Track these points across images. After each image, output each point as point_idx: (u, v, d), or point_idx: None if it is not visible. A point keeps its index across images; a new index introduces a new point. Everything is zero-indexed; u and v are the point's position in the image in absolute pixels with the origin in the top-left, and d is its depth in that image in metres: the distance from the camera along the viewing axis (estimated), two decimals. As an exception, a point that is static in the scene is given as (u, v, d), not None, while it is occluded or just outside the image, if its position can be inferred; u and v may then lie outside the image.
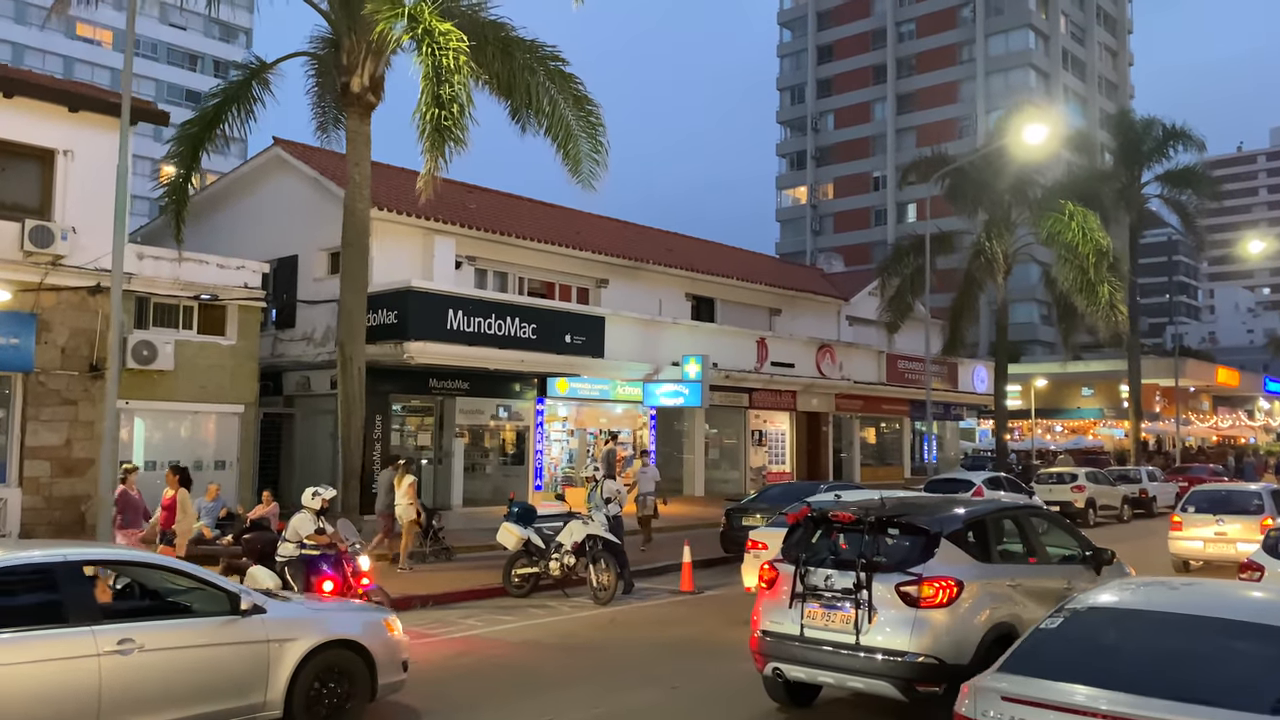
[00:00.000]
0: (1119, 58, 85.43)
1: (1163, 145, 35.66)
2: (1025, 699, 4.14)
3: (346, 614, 7.79)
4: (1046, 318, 77.56)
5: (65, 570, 6.33)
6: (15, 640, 5.87)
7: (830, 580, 7.42)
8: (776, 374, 29.17)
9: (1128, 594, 5.00)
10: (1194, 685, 4.08)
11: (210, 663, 6.62)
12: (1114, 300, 25.87)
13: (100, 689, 6.07)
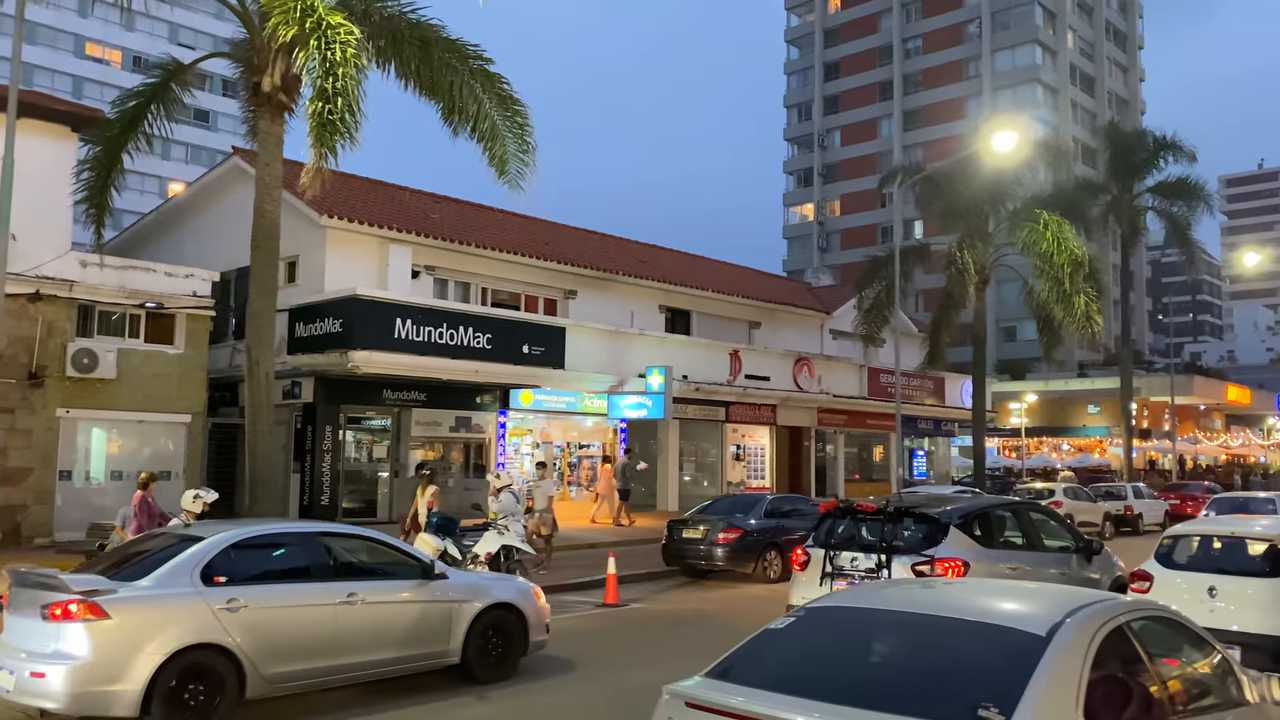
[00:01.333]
0: (1130, 74, 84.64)
1: (1154, 156, 35.12)
2: (708, 705, 3.77)
3: (507, 583, 9.47)
4: (1055, 335, 76.77)
5: (313, 539, 8.42)
6: (282, 589, 7.76)
7: (855, 561, 8.84)
8: (751, 387, 28.75)
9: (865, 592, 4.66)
10: (896, 691, 3.72)
11: (410, 616, 8.30)
12: (1090, 311, 25.33)
13: (335, 629, 7.81)
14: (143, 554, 7.86)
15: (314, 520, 19.78)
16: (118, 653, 6.88)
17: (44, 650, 6.90)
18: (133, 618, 7.01)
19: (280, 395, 21.90)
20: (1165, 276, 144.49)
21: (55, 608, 6.91)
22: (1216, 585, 8.29)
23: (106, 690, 6.82)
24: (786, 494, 23.61)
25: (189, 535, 7.95)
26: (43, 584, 7.15)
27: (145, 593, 7.20)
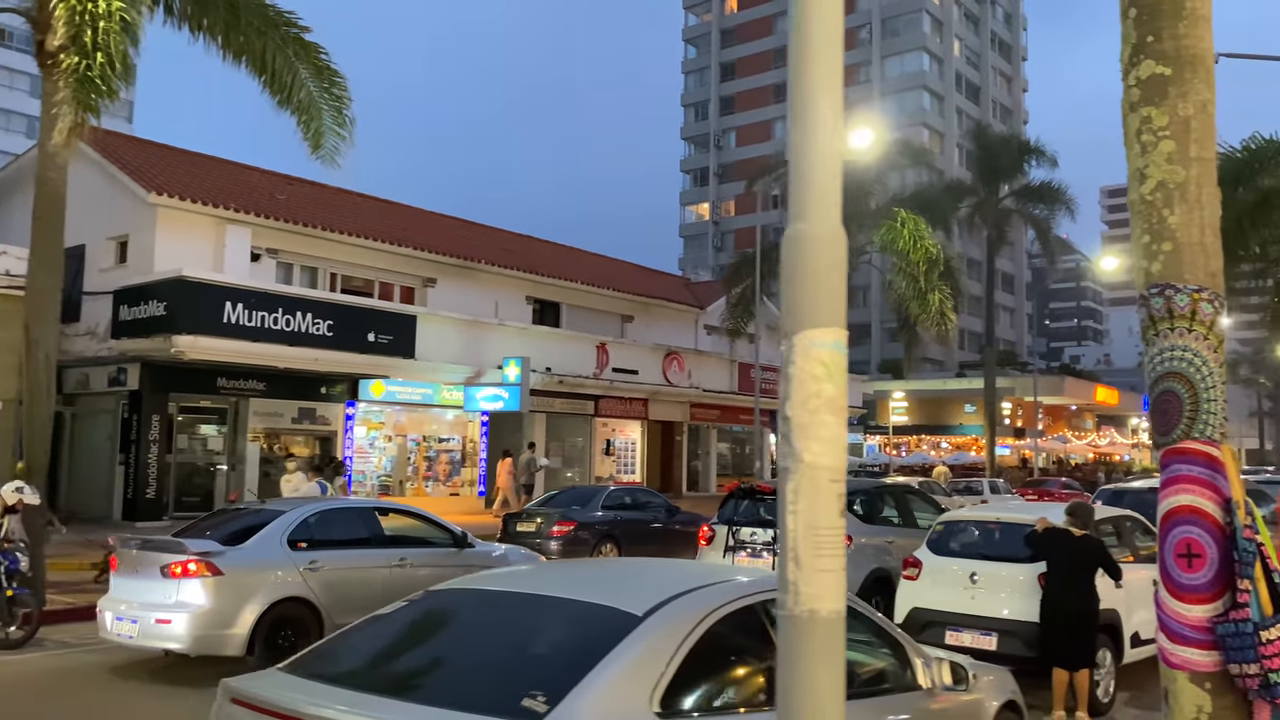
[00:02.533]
0: (1014, 83, 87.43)
1: (1019, 160, 36.05)
2: (242, 699, 3.33)
3: (517, 551, 11.41)
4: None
5: (371, 513, 10.37)
6: (349, 554, 9.40)
7: (755, 535, 10.38)
8: (618, 381, 28.46)
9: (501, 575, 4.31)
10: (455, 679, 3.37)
11: (445, 576, 9.47)
12: (944, 308, 25.79)
13: (388, 587, 8.52)
14: (223, 523, 9.57)
15: (138, 517, 18.99)
16: (229, 603, 8.32)
17: (166, 602, 8.26)
18: (239, 575, 8.49)
19: (105, 382, 20.73)
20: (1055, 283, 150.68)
21: (175, 566, 8.33)
22: (979, 572, 8.23)
23: (221, 634, 8.26)
24: (629, 486, 23.34)
25: (271, 508, 9.73)
26: (163, 548, 8.61)
27: (248, 554, 8.71)
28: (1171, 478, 5.10)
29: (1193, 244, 5.09)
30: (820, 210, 2.30)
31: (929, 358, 75.36)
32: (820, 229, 2.29)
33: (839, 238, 2.33)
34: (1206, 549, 4.91)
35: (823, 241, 2.28)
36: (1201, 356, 5.09)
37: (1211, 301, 5.12)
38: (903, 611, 8.58)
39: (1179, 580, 5.00)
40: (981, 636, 7.97)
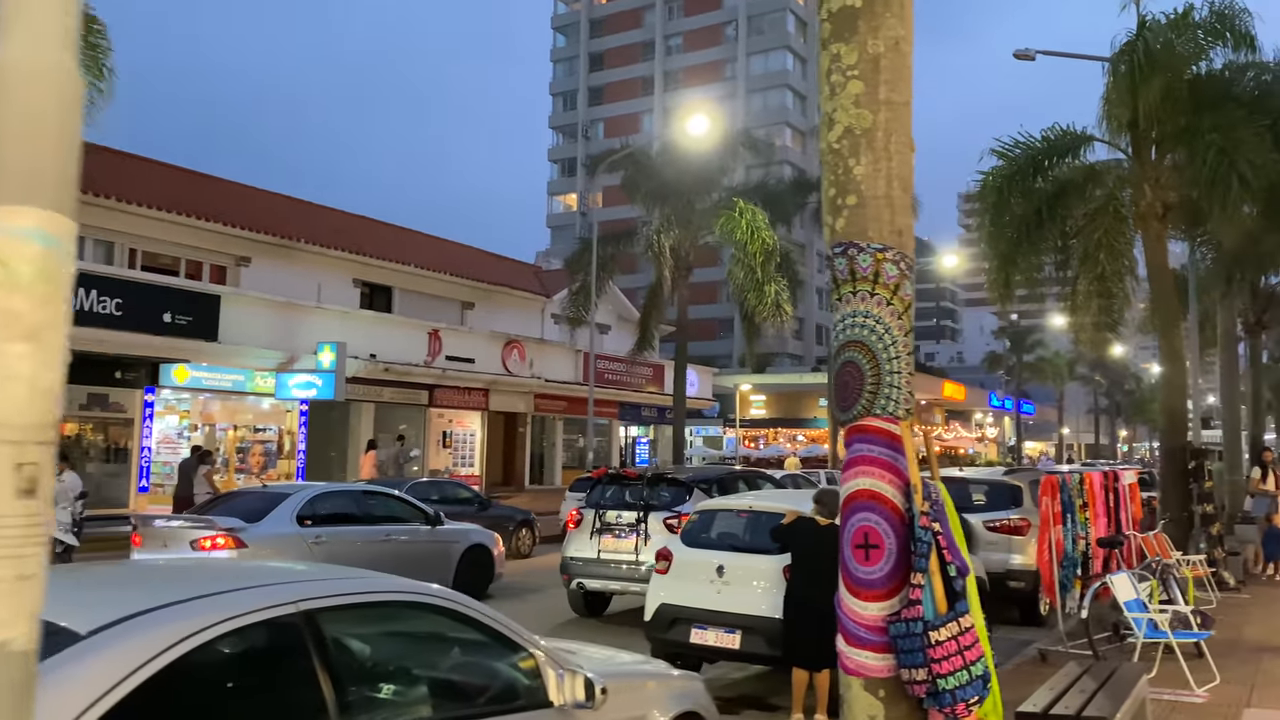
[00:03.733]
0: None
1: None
2: None
3: (481, 530, 12.99)
4: (798, 332, 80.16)
5: (360, 495, 12.18)
6: (345, 530, 10.84)
7: (620, 518, 10.95)
8: (452, 369, 27.37)
9: None
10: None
11: (423, 551, 11.58)
12: (779, 300, 25.67)
13: (377, 560, 10.05)
14: (236, 503, 10.88)
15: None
16: None
17: None
18: (260, 547, 9.68)
19: None
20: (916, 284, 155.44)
21: (204, 540, 9.57)
22: (726, 564, 7.69)
23: None
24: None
25: (276, 491, 11.22)
26: (192, 525, 9.98)
27: (266, 529, 10.00)
28: (852, 459, 4.57)
29: (878, 198, 4.57)
30: (31, 29, 1.51)
31: (788, 353, 76.65)
32: (26, 55, 1.49)
33: (62, 73, 1.54)
34: (885, 539, 4.38)
35: (28, 77, 1.50)
36: (884, 323, 4.57)
37: (897, 262, 4.62)
38: (651, 608, 7.99)
39: (856, 574, 4.47)
40: (725, 634, 7.43)
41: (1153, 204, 13.46)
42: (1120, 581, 7.77)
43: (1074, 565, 8.77)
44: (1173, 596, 8.91)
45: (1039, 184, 14.09)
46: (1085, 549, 8.93)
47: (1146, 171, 13.49)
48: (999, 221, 13.98)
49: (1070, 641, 8.50)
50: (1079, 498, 8.97)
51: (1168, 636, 7.39)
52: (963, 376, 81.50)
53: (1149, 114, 12.67)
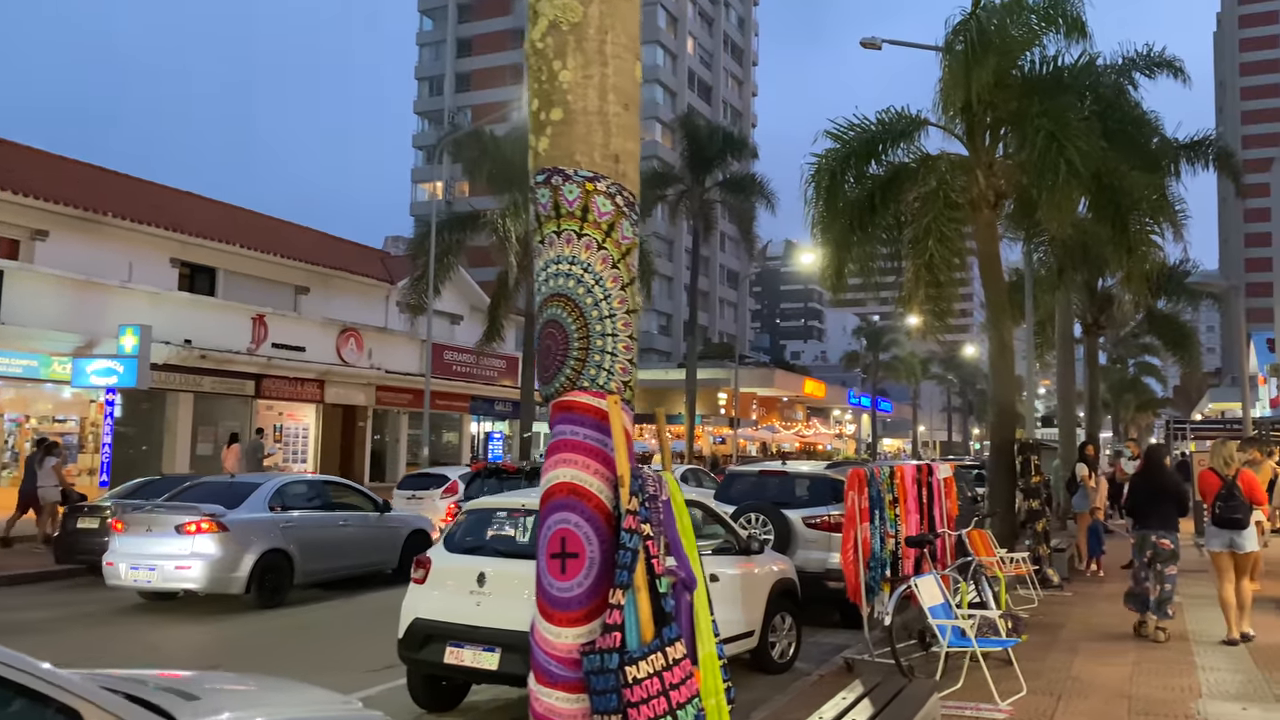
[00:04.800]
0: (744, 87, 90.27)
1: (723, 152, 36.17)
2: None
3: (420, 518, 14.68)
4: (665, 328, 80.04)
5: (320, 484, 13.66)
6: (309, 515, 12.41)
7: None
8: (281, 358, 25.55)
9: None
10: None
11: (374, 534, 13.34)
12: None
13: (337, 542, 12.59)
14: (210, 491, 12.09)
15: None
16: (233, 553, 11.05)
17: (183, 553, 10.89)
18: (240, 531, 11.16)
19: None
20: (783, 285, 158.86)
21: (189, 524, 10.99)
22: (489, 571, 6.68)
23: (229, 576, 11.01)
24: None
25: (246, 481, 12.47)
26: (176, 510, 11.37)
27: (244, 515, 11.42)
28: (555, 444, 3.60)
29: (589, 113, 3.61)
30: None
31: (655, 349, 76.45)
32: None
33: None
34: (586, 546, 3.44)
35: None
36: (594, 272, 3.63)
37: (612, 196, 3.69)
38: (404, 623, 6.91)
39: (550, 591, 3.50)
40: (483, 653, 6.43)
41: (985, 192, 13.14)
42: (926, 584, 7.13)
43: (882, 566, 8.13)
44: (984, 599, 8.38)
45: (873, 169, 13.60)
46: (895, 548, 8.31)
47: (979, 157, 13.15)
48: (832, 207, 13.42)
49: (877, 650, 7.84)
50: (889, 493, 8.35)
51: (972, 645, 6.76)
52: (825, 375, 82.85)
53: (982, 97, 12.30)
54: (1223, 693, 6.91)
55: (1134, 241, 12.37)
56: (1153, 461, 10.03)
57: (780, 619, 8.57)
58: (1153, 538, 9.31)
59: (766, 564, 8.52)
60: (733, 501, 11.47)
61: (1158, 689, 7.09)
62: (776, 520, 10.66)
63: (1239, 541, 8.94)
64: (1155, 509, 9.39)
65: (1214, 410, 53.34)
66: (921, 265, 12.22)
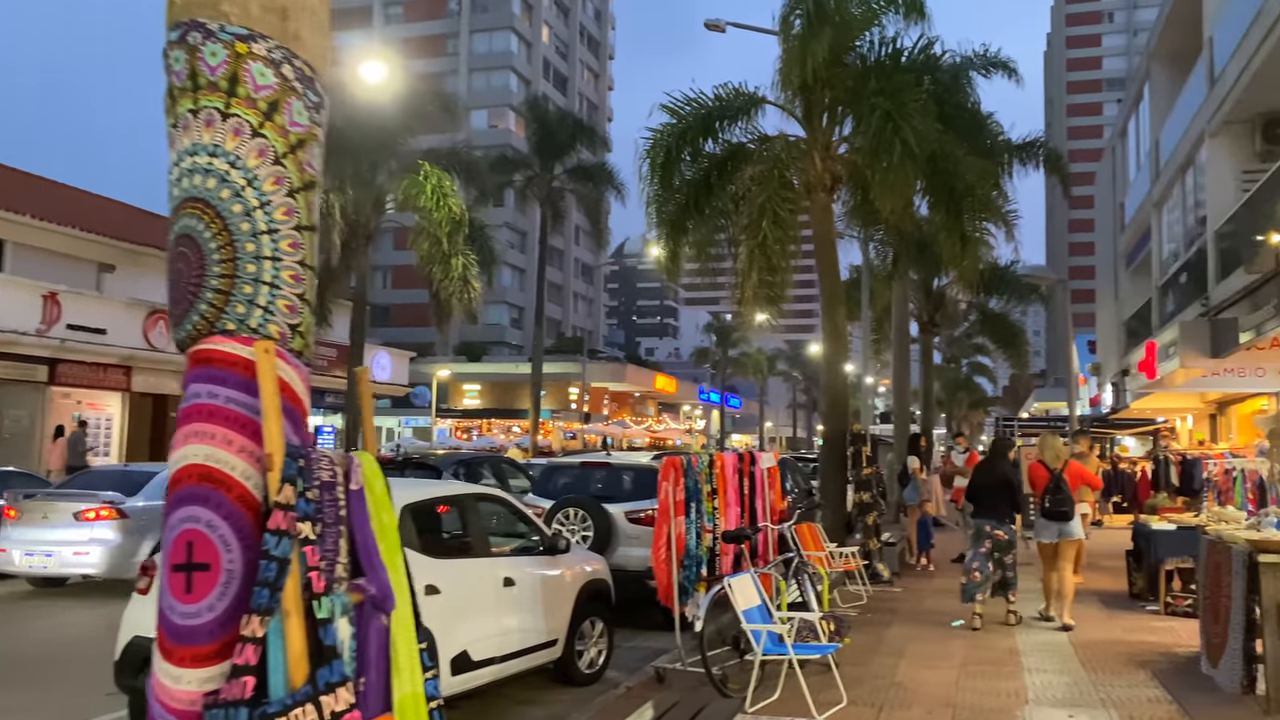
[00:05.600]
0: (600, 80, 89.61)
1: (573, 139, 35.32)
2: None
3: None
4: (517, 321, 78.62)
5: None
6: None
7: None
8: (76, 340, 23.13)
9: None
10: None
11: None
12: (468, 275, 23.68)
13: None
14: (105, 479, 12.20)
15: None
16: (132, 539, 11.07)
17: (82, 540, 10.98)
18: (138, 517, 11.21)
19: None
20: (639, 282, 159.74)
21: (88, 512, 11.05)
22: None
23: (127, 561, 10.76)
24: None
25: (141, 469, 12.70)
26: (74, 498, 11.39)
27: (141, 502, 11.43)
28: (185, 411, 2.63)
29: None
30: None
31: (507, 342, 74.96)
32: None
33: None
34: (222, 553, 2.48)
35: None
36: (245, 169, 2.63)
37: (276, 64, 2.68)
38: (121, 643, 5.70)
39: (172, 617, 2.52)
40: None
41: (821, 175, 12.69)
42: (741, 585, 6.41)
43: (698, 565, 7.40)
44: (806, 599, 7.77)
45: (710, 147, 12.96)
46: (713, 544, 7.60)
47: (817, 138, 12.70)
48: (668, 185, 12.72)
49: (690, 659, 7.09)
50: (708, 483, 7.63)
51: (788, 653, 6.07)
52: (678, 371, 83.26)
53: (819, 75, 11.80)
54: (1050, 698, 6.46)
55: (968, 228, 12.15)
56: (995, 453, 10.13)
57: (590, 625, 7.72)
58: (987, 528, 9.43)
59: (575, 564, 7.66)
60: (552, 496, 10.58)
61: (984, 695, 6.59)
62: (596, 515, 9.83)
63: (1068, 530, 9.24)
64: (992, 500, 9.53)
65: (1039, 409, 55.99)
66: (755, 247, 11.63)
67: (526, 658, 6.93)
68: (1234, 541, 6.39)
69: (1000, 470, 9.77)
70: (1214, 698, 6.25)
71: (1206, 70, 17.19)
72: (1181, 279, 20.25)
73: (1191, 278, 19.13)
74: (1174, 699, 6.28)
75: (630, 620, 9.19)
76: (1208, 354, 16.20)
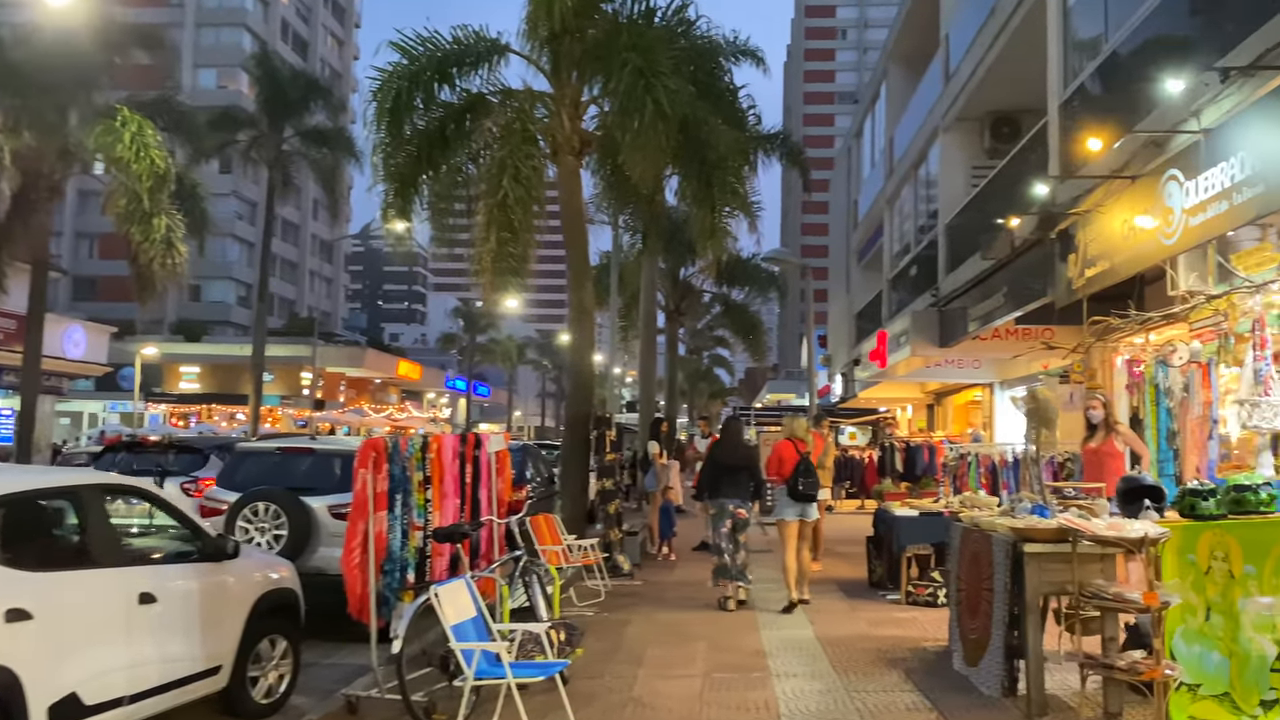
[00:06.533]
0: (345, 48, 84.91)
1: (307, 99, 32.52)
2: None
3: None
4: (245, 299, 72.86)
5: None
6: None
7: None
8: None
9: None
10: None
11: None
12: (172, 238, 20.77)
13: None
14: None
15: None
16: None
17: None
18: None
19: None
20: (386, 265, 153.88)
21: None
22: None
23: None
24: None
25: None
26: None
27: None
28: None
29: None
30: None
31: (232, 322, 69.26)
32: None
33: None
34: None
35: None
36: None
37: None
38: None
39: None
40: None
41: (570, 136, 11.67)
42: (452, 593, 5.21)
43: (403, 569, 6.13)
44: (534, 605, 6.70)
45: (447, 95, 11.60)
46: (424, 544, 6.35)
47: (565, 93, 11.65)
48: (397, 134, 11.25)
49: (389, 684, 5.81)
50: (420, 470, 6.37)
51: (505, 675, 4.95)
52: (425, 358, 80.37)
53: (567, 24, 10.77)
54: (803, 710, 5.73)
55: (719, 201, 11.53)
56: (729, 433, 10.02)
57: (269, 644, 6.23)
58: (730, 507, 9.40)
59: (248, 572, 6.15)
60: (240, 488, 8.87)
61: (732, 711, 5.76)
62: (293, 511, 8.26)
63: (809, 511, 9.45)
64: (732, 479, 9.49)
65: (772, 399, 58.50)
66: (495, 206, 10.43)
67: (174, 693, 5.38)
68: (994, 529, 5.92)
69: (742, 450, 9.85)
70: (973, 700, 5.74)
71: (942, 67, 17.75)
72: (911, 272, 21.03)
73: (921, 270, 19.84)
74: (933, 705, 5.71)
75: (335, 632, 7.72)
76: (936, 343, 16.70)
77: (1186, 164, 7.81)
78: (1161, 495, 5.65)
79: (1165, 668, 4.81)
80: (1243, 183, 6.88)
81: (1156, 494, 5.63)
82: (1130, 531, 5.00)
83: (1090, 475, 8.35)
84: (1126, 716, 5.30)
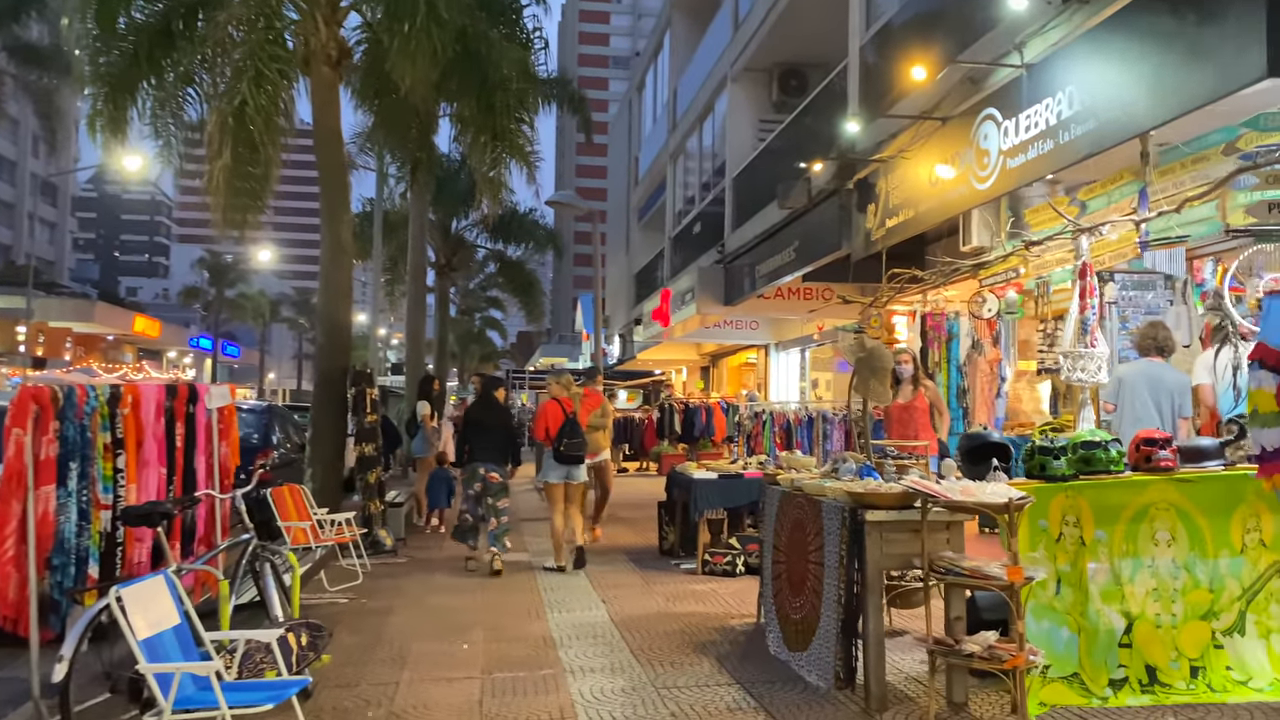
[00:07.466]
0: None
1: (16, 9, 27.96)
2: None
3: None
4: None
5: None
6: None
7: None
8: None
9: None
10: None
11: None
12: None
13: None
14: None
15: None
16: None
17: None
18: None
19: None
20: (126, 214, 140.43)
21: None
22: None
23: None
24: None
25: None
26: None
27: None
28: None
29: None
30: None
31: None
32: None
33: None
34: None
35: None
36: None
37: None
38: None
39: None
40: None
41: (326, 43, 9.99)
42: (143, 596, 3.82)
43: (80, 562, 4.61)
44: (267, 600, 5.34)
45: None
46: (111, 529, 4.84)
47: (320, -7, 9.93)
48: (109, 25, 9.20)
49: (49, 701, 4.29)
50: (106, 431, 4.83)
51: (219, 705, 3.64)
52: (167, 314, 73.56)
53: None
54: (607, 717, 4.73)
55: (499, 128, 10.26)
56: (486, 393, 9.40)
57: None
58: (481, 470, 9.00)
59: None
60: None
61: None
62: None
63: (575, 473, 9.05)
64: (488, 441, 9.04)
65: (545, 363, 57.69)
66: (231, 114, 8.66)
67: None
68: (822, 494, 5.15)
69: (499, 410, 9.36)
70: (804, 695, 4.95)
71: (731, 15, 17.17)
72: (695, 229, 20.54)
73: (706, 227, 19.36)
74: (758, 703, 4.86)
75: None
76: (722, 300, 16.22)
77: (1005, 102, 7.39)
78: (1008, 454, 5.09)
79: (1029, 653, 4.16)
80: (1070, 119, 6.46)
81: (1004, 452, 5.05)
82: (990, 496, 4.31)
83: (898, 433, 7.88)
84: (972, 704, 4.67)
